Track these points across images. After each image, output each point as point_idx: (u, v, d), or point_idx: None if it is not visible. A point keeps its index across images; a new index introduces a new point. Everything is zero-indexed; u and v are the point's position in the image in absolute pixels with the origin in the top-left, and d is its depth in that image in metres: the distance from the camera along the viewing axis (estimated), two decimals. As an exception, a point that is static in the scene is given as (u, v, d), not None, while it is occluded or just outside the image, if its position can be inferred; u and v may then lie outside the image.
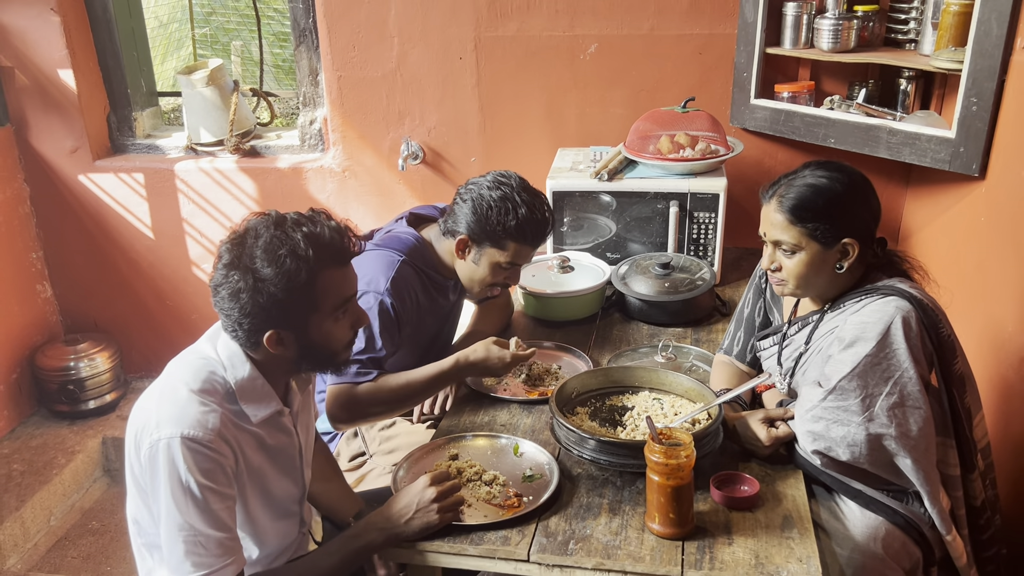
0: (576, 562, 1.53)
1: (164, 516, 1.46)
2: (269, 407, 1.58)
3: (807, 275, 1.76)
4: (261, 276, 1.45)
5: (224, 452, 1.48)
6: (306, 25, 3.19)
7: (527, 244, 2.13)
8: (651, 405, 1.91)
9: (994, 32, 2.19)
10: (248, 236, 1.49)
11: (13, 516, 2.98)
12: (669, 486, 1.53)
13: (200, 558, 1.45)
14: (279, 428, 1.63)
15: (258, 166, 3.37)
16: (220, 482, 1.47)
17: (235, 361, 1.55)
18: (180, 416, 1.46)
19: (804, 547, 1.53)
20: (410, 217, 2.28)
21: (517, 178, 2.14)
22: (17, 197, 3.48)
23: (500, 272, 2.16)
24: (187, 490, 1.44)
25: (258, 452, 1.60)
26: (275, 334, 1.50)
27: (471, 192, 2.12)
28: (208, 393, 1.50)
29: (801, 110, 2.76)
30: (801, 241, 1.73)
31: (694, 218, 2.63)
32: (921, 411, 1.65)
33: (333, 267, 1.52)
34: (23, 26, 3.24)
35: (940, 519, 1.70)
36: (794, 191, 1.74)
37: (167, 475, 1.44)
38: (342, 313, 1.57)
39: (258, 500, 1.63)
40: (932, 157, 2.42)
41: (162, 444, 1.44)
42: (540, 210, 2.12)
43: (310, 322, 1.53)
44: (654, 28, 2.93)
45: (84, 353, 3.52)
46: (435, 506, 1.58)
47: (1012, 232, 2.15)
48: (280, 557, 1.71)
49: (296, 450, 1.70)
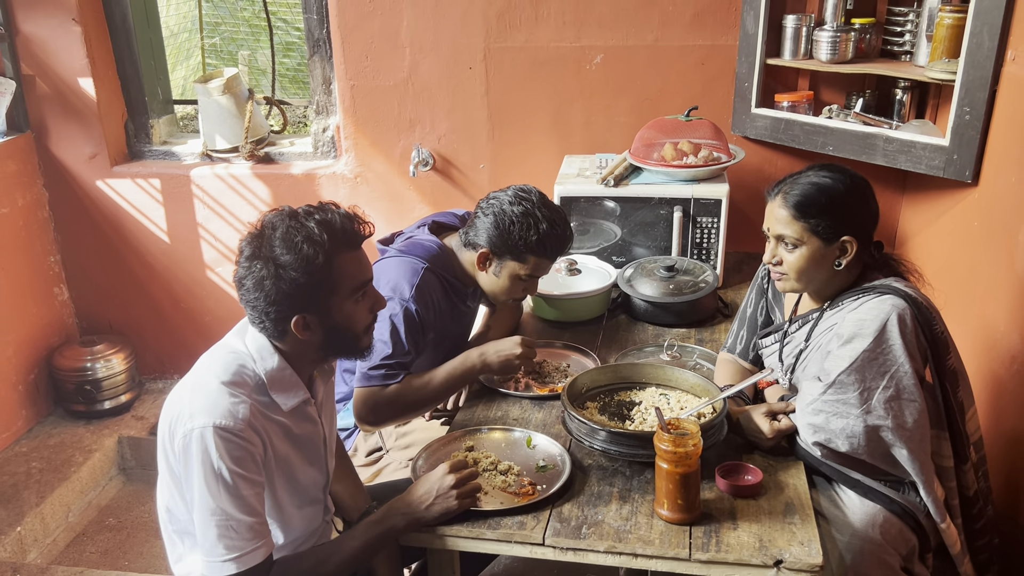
0: (589, 545, 1.61)
1: (197, 502, 1.54)
2: (298, 396, 1.67)
3: (807, 270, 1.84)
4: (281, 263, 1.54)
5: (254, 441, 1.56)
6: (320, 36, 3.28)
7: (547, 258, 2.20)
8: (658, 400, 1.99)
9: (986, 44, 2.28)
10: (266, 229, 1.59)
11: (33, 512, 3.06)
12: (677, 473, 1.61)
13: (232, 541, 1.54)
14: (305, 417, 1.72)
15: (272, 172, 3.46)
16: (250, 469, 1.55)
17: (264, 353, 1.63)
18: (212, 407, 1.54)
19: (805, 531, 1.61)
20: (432, 225, 2.35)
21: (537, 193, 2.21)
22: (36, 202, 3.56)
23: (519, 284, 2.23)
24: (219, 477, 1.52)
25: (285, 441, 1.68)
26: (301, 319, 1.58)
27: (493, 207, 2.18)
28: (238, 385, 1.59)
29: (800, 119, 2.85)
30: (803, 236, 1.82)
31: (697, 223, 2.72)
32: (916, 404, 1.74)
33: (347, 250, 1.61)
34: (45, 35, 3.34)
35: (935, 507, 1.79)
36: (799, 188, 1.83)
37: (200, 463, 1.52)
38: (361, 296, 1.65)
39: (285, 488, 1.70)
40: (927, 164, 2.52)
41: (195, 434, 1.52)
42: (561, 225, 2.19)
43: (331, 304, 1.61)
44: (658, 39, 3.02)
45: (100, 354, 3.60)
46: (454, 492, 1.66)
47: (1003, 237, 2.24)
48: (306, 542, 1.79)
49: (321, 439, 1.78)
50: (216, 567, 1.54)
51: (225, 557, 1.54)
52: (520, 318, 2.63)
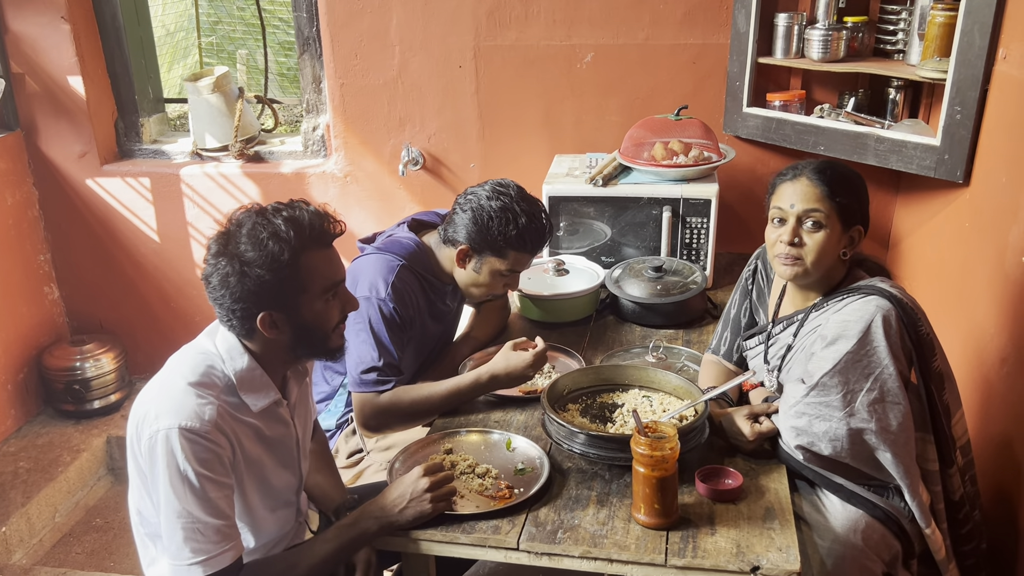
0: (564, 550, 1.59)
1: (164, 504, 1.52)
2: (268, 397, 1.64)
3: (825, 252, 1.78)
4: (246, 260, 1.52)
5: (220, 443, 1.54)
6: (310, 34, 3.26)
7: (527, 252, 2.19)
8: (640, 402, 1.97)
9: (977, 43, 2.25)
10: (232, 227, 1.57)
11: (19, 512, 3.04)
12: (654, 477, 1.58)
13: (198, 544, 1.51)
14: (277, 419, 1.69)
15: (262, 171, 3.44)
16: (217, 471, 1.53)
17: (233, 354, 1.61)
18: (178, 408, 1.52)
19: (784, 537, 1.58)
20: (412, 223, 2.33)
21: (515, 187, 2.19)
22: (26, 200, 3.55)
23: (500, 279, 2.21)
24: (185, 479, 1.50)
25: (256, 444, 1.66)
26: (267, 316, 1.56)
27: (471, 202, 2.16)
28: (205, 386, 1.56)
29: (792, 118, 2.82)
30: (831, 215, 1.77)
31: (687, 223, 2.69)
32: (900, 407, 1.71)
33: (316, 248, 1.58)
34: (34, 33, 3.33)
35: (920, 512, 1.76)
36: (826, 168, 1.80)
37: (166, 464, 1.50)
38: (332, 296, 1.62)
39: (256, 490, 1.68)
40: (918, 164, 2.49)
41: (160, 435, 1.50)
42: (539, 218, 2.17)
43: (300, 303, 1.58)
44: (649, 38, 3.00)
45: (90, 354, 3.59)
46: (428, 495, 1.64)
47: (994, 237, 2.21)
48: (278, 545, 1.77)
49: (294, 441, 1.76)
50: (182, 570, 1.52)
51: (191, 560, 1.51)
52: (507, 319, 2.61)
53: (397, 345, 2.10)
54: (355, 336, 2.10)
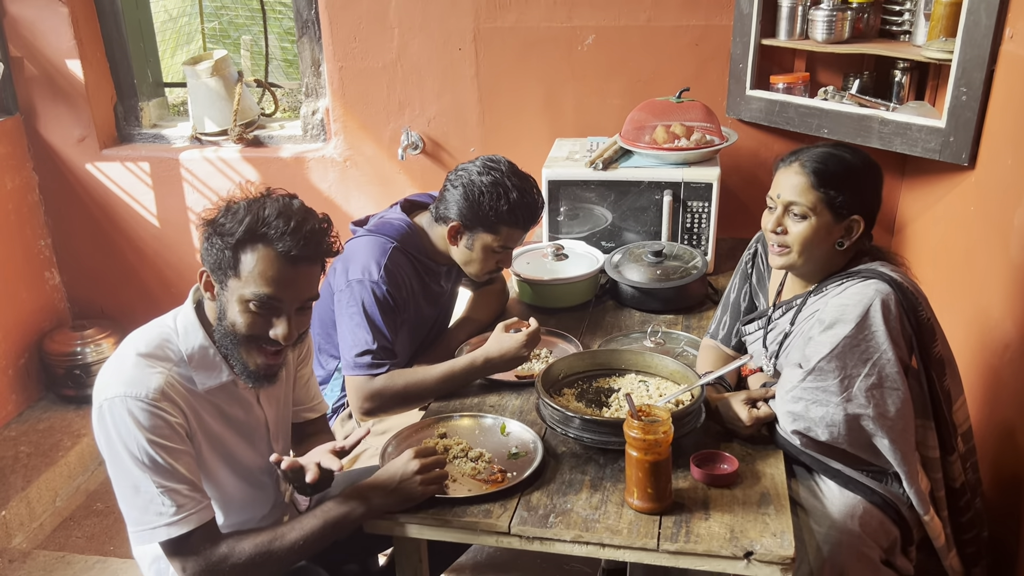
0: (555, 534, 1.57)
1: (122, 475, 1.52)
2: (217, 378, 1.64)
3: (811, 243, 1.76)
4: (218, 222, 1.56)
5: (170, 411, 1.54)
6: (308, 16, 3.23)
7: (519, 228, 2.17)
8: (637, 387, 1.94)
9: (983, 23, 2.21)
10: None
11: (19, 496, 3.04)
12: (647, 461, 1.56)
13: (161, 507, 1.50)
14: (237, 399, 1.69)
15: (261, 156, 3.42)
16: (169, 438, 1.53)
17: (189, 330, 1.62)
18: (127, 378, 1.53)
19: (779, 523, 1.56)
20: (404, 203, 2.31)
21: (506, 162, 2.17)
22: (26, 185, 3.54)
23: (492, 256, 2.19)
24: (138, 447, 1.50)
25: (218, 419, 1.66)
26: (205, 275, 1.59)
27: (461, 178, 2.14)
28: (156, 357, 1.57)
29: (796, 101, 2.78)
30: (816, 206, 1.74)
31: (688, 207, 2.66)
32: (899, 392, 1.68)
33: (274, 249, 1.53)
34: (32, 17, 3.30)
35: (918, 499, 1.73)
36: (819, 156, 1.77)
37: (117, 434, 1.51)
38: (255, 308, 1.55)
39: (221, 465, 1.68)
40: (923, 147, 2.44)
41: (107, 404, 1.51)
42: (531, 193, 2.15)
43: (228, 285, 1.56)
44: (651, 19, 2.95)
45: (91, 339, 3.58)
46: (418, 478, 1.62)
47: (999, 221, 2.17)
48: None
49: (261, 423, 1.75)
50: (147, 535, 1.52)
51: (155, 524, 1.51)
52: (505, 303, 2.59)
53: (391, 328, 2.08)
54: (349, 319, 2.08)
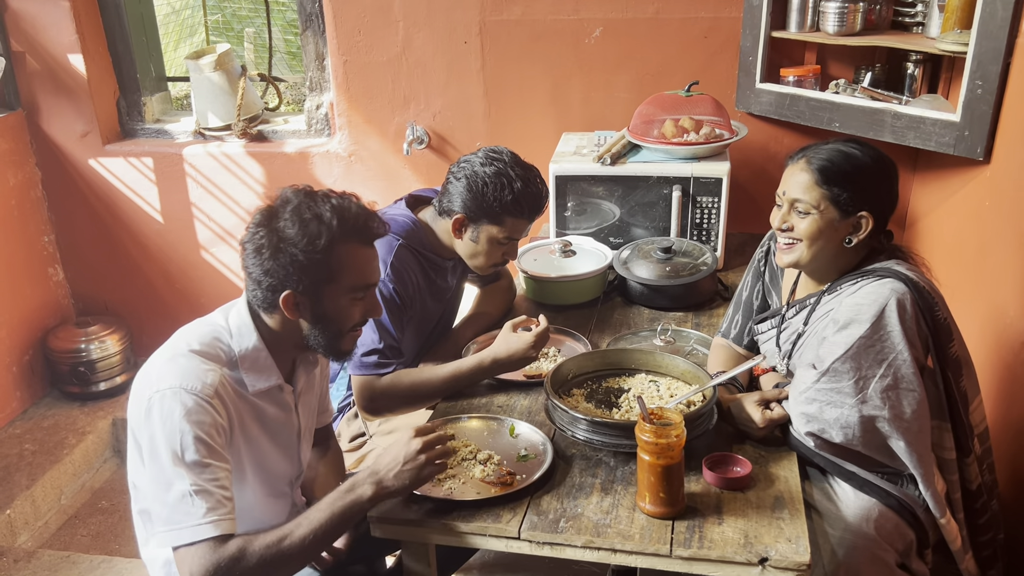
0: (566, 540, 1.54)
1: (159, 468, 1.47)
2: (269, 380, 1.63)
3: (818, 239, 1.74)
4: (284, 236, 1.53)
5: (220, 412, 1.52)
6: (312, 10, 3.20)
7: (524, 218, 2.14)
8: (647, 387, 1.92)
9: (999, 14, 2.16)
10: (279, 201, 1.58)
11: (24, 495, 3.03)
12: (659, 465, 1.53)
13: (193, 507, 1.45)
14: (279, 404, 1.67)
15: (265, 151, 3.39)
16: (214, 438, 1.50)
17: (243, 331, 1.61)
18: (181, 372, 1.51)
19: (794, 527, 1.53)
20: (409, 199, 2.28)
21: (509, 153, 2.15)
22: (29, 181, 3.52)
23: (498, 248, 2.17)
24: (183, 441, 1.46)
25: (256, 423, 1.63)
26: (291, 296, 1.55)
27: (464, 170, 2.12)
28: (209, 356, 1.56)
29: (806, 94, 2.74)
30: (820, 203, 1.72)
31: (697, 202, 2.63)
32: (915, 393, 1.65)
33: (355, 242, 1.58)
34: (34, 11, 3.27)
35: (934, 502, 1.70)
36: (825, 154, 1.74)
37: (162, 425, 1.46)
38: (359, 296, 1.62)
39: (253, 472, 1.65)
40: (936, 141, 2.40)
41: (158, 396, 1.48)
42: (535, 183, 2.12)
43: (325, 292, 1.58)
44: (659, 11, 2.91)
45: (95, 335, 3.57)
46: (422, 457, 1.58)
47: (1015, 217, 2.13)
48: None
49: (295, 430, 1.73)
50: (175, 534, 1.45)
51: (185, 524, 1.45)
52: (513, 300, 2.56)
53: (397, 327, 2.06)
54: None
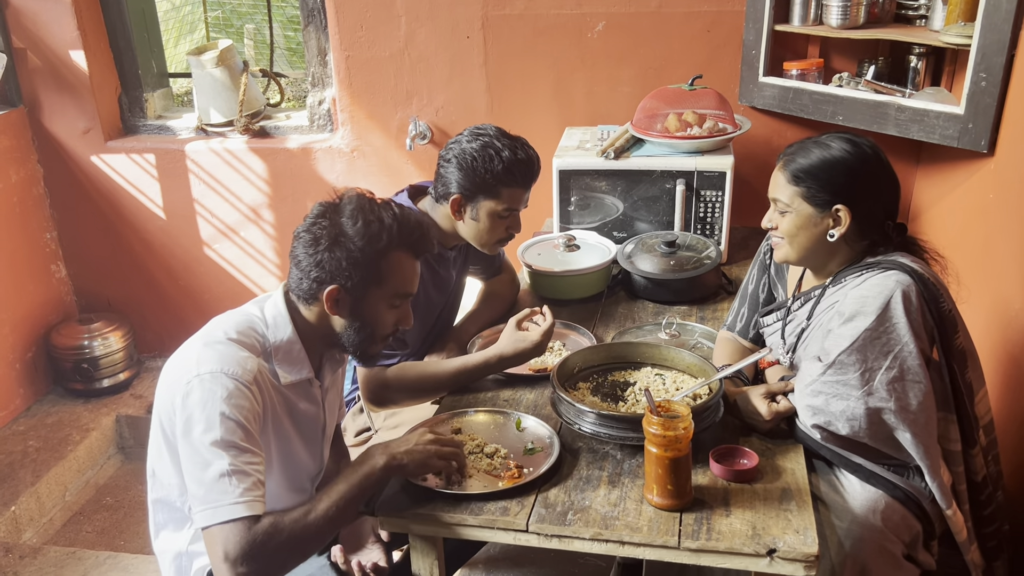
0: (574, 532, 1.54)
1: (195, 450, 1.47)
2: (300, 373, 1.65)
3: (797, 235, 1.78)
4: (345, 230, 1.57)
5: (256, 398, 1.54)
6: (314, 5, 3.19)
7: (518, 187, 2.14)
8: (653, 380, 1.92)
9: (1004, 6, 2.17)
10: (343, 198, 1.62)
11: (29, 491, 3.04)
12: (667, 458, 1.54)
13: (230, 486, 1.44)
14: (309, 398, 1.70)
15: (268, 146, 3.39)
16: (251, 424, 1.51)
17: (279, 322, 1.63)
18: (221, 358, 1.53)
19: (802, 519, 1.54)
20: (410, 189, 2.30)
21: (494, 128, 2.17)
22: (31, 178, 3.52)
23: (500, 222, 2.17)
24: (222, 423, 1.47)
25: (287, 416, 1.66)
26: (336, 291, 1.58)
27: (452, 151, 2.14)
28: (246, 345, 1.58)
29: (810, 87, 2.74)
30: (793, 201, 1.76)
31: (701, 196, 2.63)
32: (921, 385, 1.65)
33: (407, 252, 1.63)
34: (35, 7, 3.27)
35: (940, 493, 1.71)
36: (799, 153, 1.77)
37: (202, 407, 1.47)
38: (398, 304, 1.66)
39: (279, 464, 1.67)
40: (940, 134, 2.41)
41: (199, 380, 1.49)
42: (524, 150, 2.14)
43: (368, 294, 1.61)
44: (662, 5, 2.91)
45: (98, 332, 3.57)
46: (433, 448, 1.62)
47: (1020, 209, 2.13)
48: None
49: (320, 425, 1.75)
50: (211, 513, 1.44)
51: (222, 502, 1.44)
52: (517, 295, 2.56)
53: None
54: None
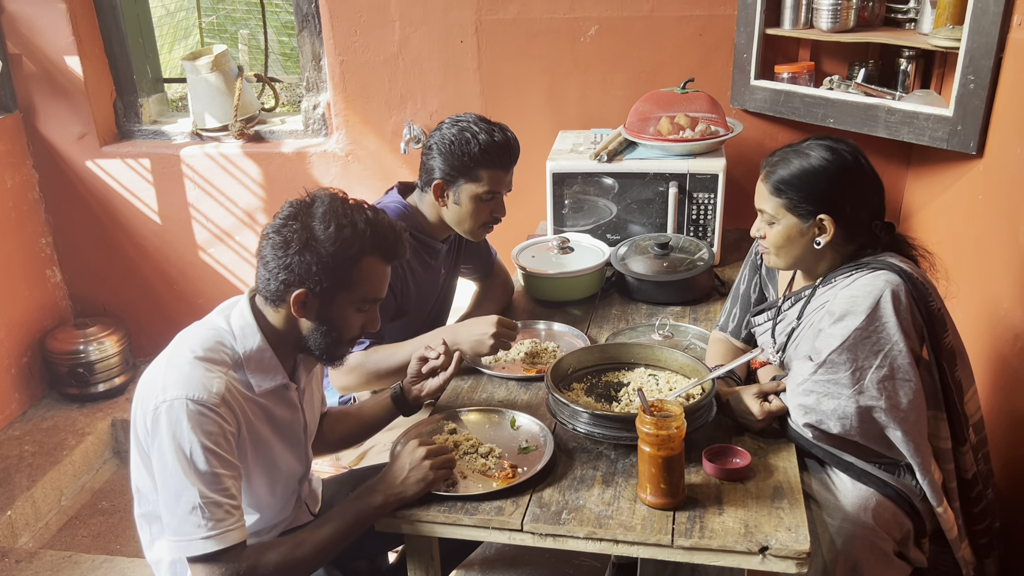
0: (568, 531, 1.56)
1: (167, 479, 1.48)
2: (274, 380, 1.63)
3: (784, 246, 1.80)
4: (316, 234, 1.53)
5: (227, 418, 1.52)
6: (309, 10, 3.21)
7: (497, 168, 2.17)
8: (646, 381, 1.93)
9: (991, 9, 2.19)
10: (315, 200, 1.58)
11: (24, 496, 3.04)
12: (660, 457, 1.55)
13: (202, 519, 1.46)
14: (286, 402, 1.68)
15: (262, 151, 3.40)
16: (223, 448, 1.50)
17: (247, 332, 1.60)
18: (185, 380, 1.50)
19: (794, 516, 1.55)
20: (399, 186, 2.34)
21: (473, 115, 2.21)
22: (26, 183, 3.52)
23: (483, 206, 2.20)
24: (190, 452, 1.46)
25: (265, 424, 1.64)
26: (303, 294, 1.55)
27: (432, 138, 2.18)
28: (214, 361, 1.55)
29: (801, 90, 2.76)
30: (778, 213, 1.78)
31: (693, 199, 2.65)
32: (911, 383, 1.67)
33: (379, 257, 1.60)
34: (30, 13, 3.28)
35: (931, 491, 1.72)
36: (780, 164, 1.78)
37: (170, 436, 1.47)
38: (366, 308, 1.64)
39: (262, 473, 1.66)
40: (930, 136, 2.43)
41: (165, 406, 1.48)
42: (500, 132, 2.17)
43: (337, 299, 1.58)
44: (654, 9, 2.93)
45: (93, 337, 3.57)
46: (427, 462, 1.62)
47: (1008, 210, 2.15)
48: (275, 529, 1.75)
49: (301, 426, 1.74)
50: (184, 545, 1.47)
51: (194, 536, 1.46)
52: (511, 297, 2.57)
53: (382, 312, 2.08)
54: None
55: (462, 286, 2.58)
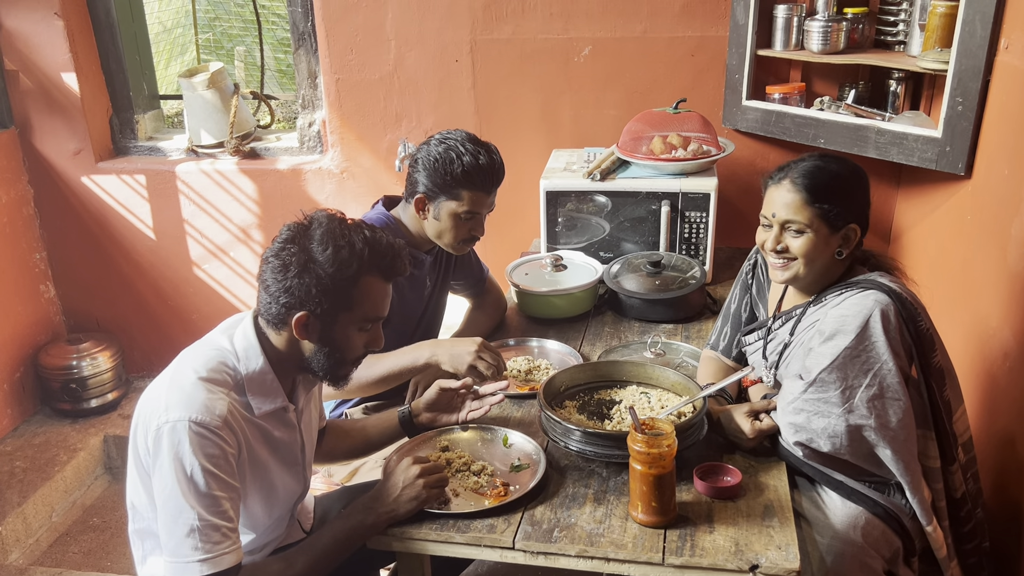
0: (560, 549, 1.56)
1: (166, 499, 1.48)
2: (275, 403, 1.63)
3: (813, 256, 1.77)
4: (314, 257, 1.53)
5: (229, 440, 1.52)
6: (305, 29, 3.24)
7: (478, 190, 2.18)
8: (638, 399, 1.94)
9: (978, 33, 2.22)
10: (313, 222, 1.58)
11: (15, 512, 3.03)
12: (651, 475, 1.56)
13: (199, 541, 1.46)
14: (284, 424, 1.68)
15: (258, 168, 3.41)
16: (224, 470, 1.50)
17: (250, 353, 1.60)
18: (188, 401, 1.50)
19: (784, 535, 1.56)
20: (384, 199, 2.37)
21: (463, 133, 2.22)
22: (21, 198, 3.53)
23: (462, 223, 2.21)
24: (191, 474, 1.47)
25: (264, 445, 1.64)
26: (305, 316, 1.55)
27: (419, 153, 2.21)
28: (217, 382, 1.55)
29: (792, 111, 2.79)
30: (812, 222, 1.75)
31: (685, 217, 2.67)
32: (900, 403, 1.68)
33: (378, 276, 1.60)
34: (27, 30, 3.30)
35: (921, 510, 1.73)
36: (809, 173, 1.77)
37: (171, 458, 1.47)
38: (368, 327, 1.64)
39: (259, 495, 1.66)
40: (919, 156, 2.46)
41: (168, 427, 1.48)
42: (487, 155, 2.18)
43: (339, 319, 1.58)
44: (647, 31, 2.97)
45: (86, 352, 3.57)
46: (421, 480, 1.62)
47: (996, 230, 2.18)
48: (267, 547, 1.75)
49: (298, 447, 1.75)
50: (180, 568, 1.47)
51: (190, 559, 1.47)
52: (504, 314, 2.59)
53: None
54: None
55: (455, 303, 2.59)
